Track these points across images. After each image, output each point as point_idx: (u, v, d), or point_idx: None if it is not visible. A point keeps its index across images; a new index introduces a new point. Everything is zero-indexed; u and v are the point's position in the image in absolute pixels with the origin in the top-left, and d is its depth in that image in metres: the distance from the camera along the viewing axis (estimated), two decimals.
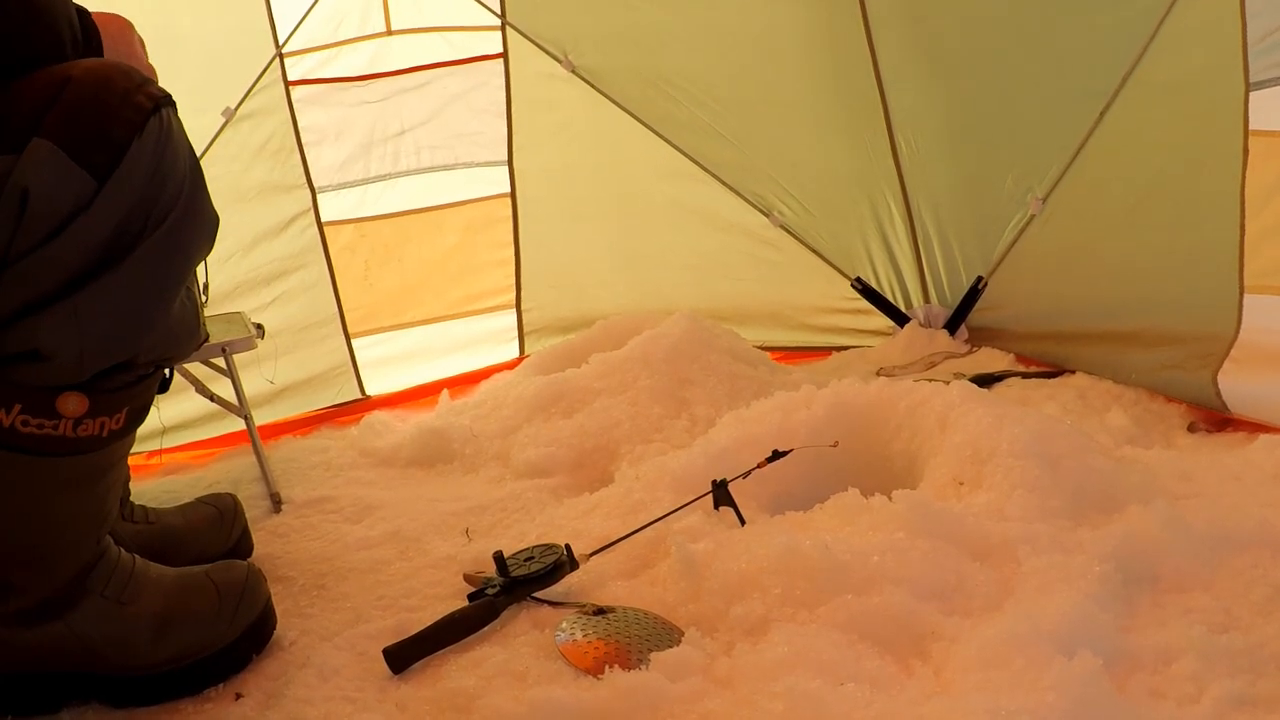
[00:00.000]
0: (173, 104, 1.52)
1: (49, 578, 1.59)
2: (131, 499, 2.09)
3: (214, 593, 1.74)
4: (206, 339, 2.24)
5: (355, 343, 3.19)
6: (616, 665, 1.58)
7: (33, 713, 1.64)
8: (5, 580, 1.56)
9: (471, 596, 1.87)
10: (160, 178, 1.47)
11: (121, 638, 1.64)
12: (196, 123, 2.82)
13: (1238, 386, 2.35)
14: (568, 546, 1.91)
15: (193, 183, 1.54)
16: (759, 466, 2.04)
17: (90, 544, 1.63)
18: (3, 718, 1.62)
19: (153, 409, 1.65)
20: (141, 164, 1.44)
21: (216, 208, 1.61)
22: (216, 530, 2.12)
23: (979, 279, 3.20)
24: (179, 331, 1.58)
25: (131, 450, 1.80)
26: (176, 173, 1.50)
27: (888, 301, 3.35)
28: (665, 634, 1.69)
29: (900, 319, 3.34)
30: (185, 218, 1.52)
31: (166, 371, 1.69)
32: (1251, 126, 2.25)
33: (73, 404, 1.48)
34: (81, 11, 1.57)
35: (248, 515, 2.28)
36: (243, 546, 2.17)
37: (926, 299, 3.32)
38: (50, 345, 1.42)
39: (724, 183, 3.32)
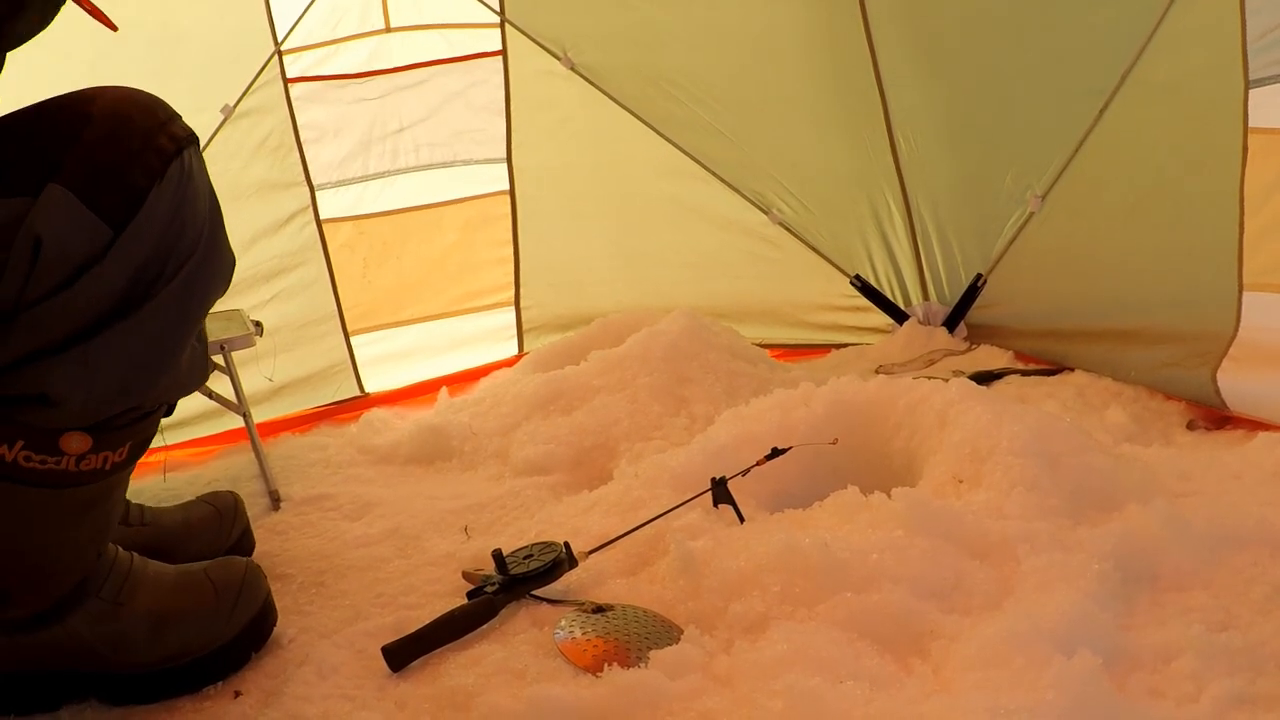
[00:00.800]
0: (196, 142, 1.49)
1: (48, 590, 1.58)
2: (128, 498, 2.09)
3: (211, 590, 1.74)
4: (214, 368, 2.22)
5: (354, 340, 3.18)
6: (615, 663, 1.58)
7: (32, 711, 1.64)
8: (4, 590, 1.56)
9: (470, 594, 1.87)
10: (179, 225, 1.44)
11: (119, 637, 1.64)
12: (195, 120, 2.78)
13: (1237, 384, 2.34)
14: (566, 544, 1.91)
15: (212, 227, 1.51)
16: (758, 464, 2.04)
17: (91, 558, 1.62)
18: (3, 717, 1.62)
19: None
20: (160, 212, 1.41)
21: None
22: (214, 530, 2.10)
23: (978, 276, 3.20)
24: (188, 375, 1.57)
25: None
26: (196, 219, 1.47)
27: (887, 299, 3.35)
28: (664, 632, 1.69)
29: (899, 316, 3.34)
30: (203, 265, 1.49)
31: None
32: (1251, 124, 2.25)
33: (76, 442, 1.47)
34: None
35: (247, 513, 2.28)
36: (243, 546, 2.15)
37: (926, 296, 3.32)
38: (59, 392, 1.40)
39: (723, 180, 3.32)
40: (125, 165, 1.39)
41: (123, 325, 1.41)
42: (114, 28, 1.80)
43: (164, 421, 2.72)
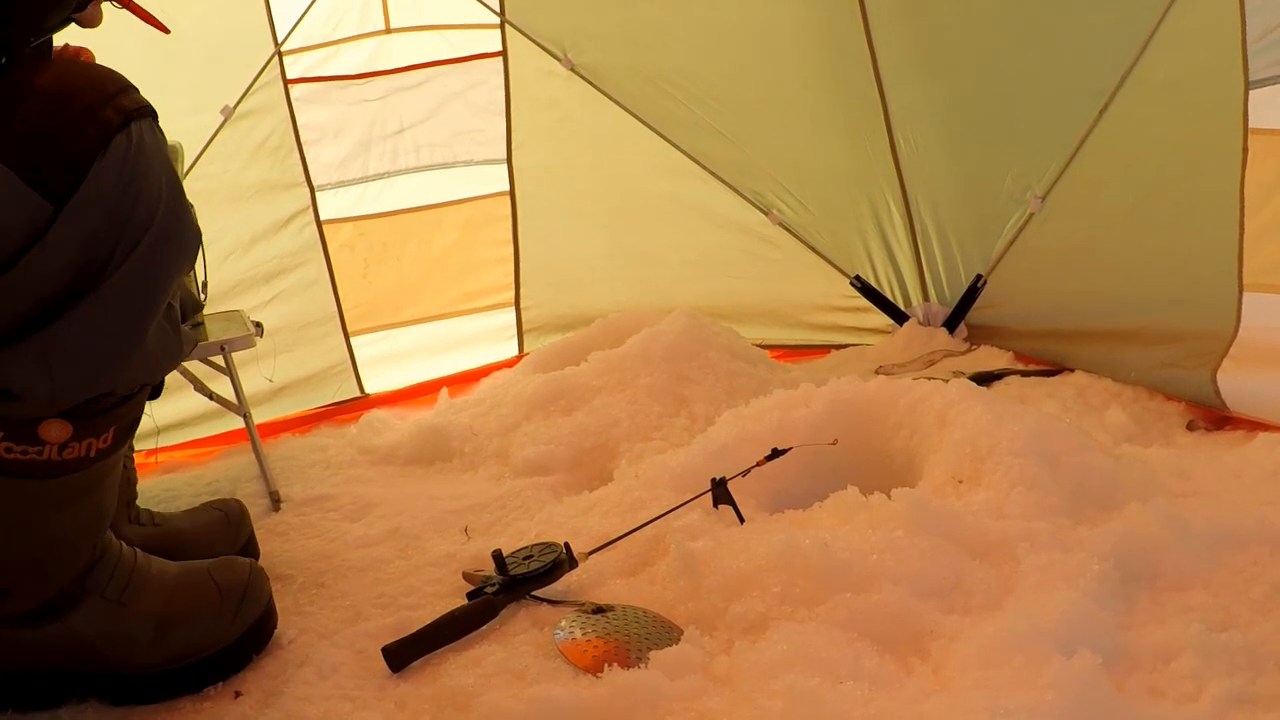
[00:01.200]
0: (149, 115, 1.43)
1: (48, 583, 1.58)
2: (136, 501, 2.07)
3: (216, 592, 1.73)
4: (194, 345, 2.18)
5: (354, 341, 3.19)
6: (615, 663, 1.58)
7: (33, 709, 1.64)
8: (4, 586, 1.55)
9: (470, 595, 1.87)
10: (129, 200, 1.38)
11: (122, 637, 1.63)
12: (195, 121, 2.84)
13: (1237, 384, 2.34)
14: (567, 545, 1.91)
15: (170, 202, 1.44)
16: (758, 464, 2.04)
17: (88, 548, 1.62)
18: (3, 714, 1.62)
19: (151, 407, 1.64)
20: (106, 186, 1.35)
21: (216, 206, 1.58)
22: (224, 535, 2.08)
23: (978, 277, 3.20)
24: (158, 356, 1.50)
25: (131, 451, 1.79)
26: (149, 193, 1.41)
27: (887, 300, 3.35)
28: (664, 632, 1.69)
29: (899, 317, 3.34)
30: (161, 242, 1.42)
31: None
32: (1251, 125, 2.25)
33: (55, 430, 1.44)
34: None
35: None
36: (249, 552, 2.13)
37: (926, 297, 3.32)
38: (20, 385, 1.37)
39: (723, 180, 3.32)
40: (66, 139, 1.34)
41: (78, 310, 1.36)
42: (166, 30, 1.78)
43: (165, 422, 2.75)
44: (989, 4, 2.92)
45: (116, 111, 1.38)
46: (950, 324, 3.28)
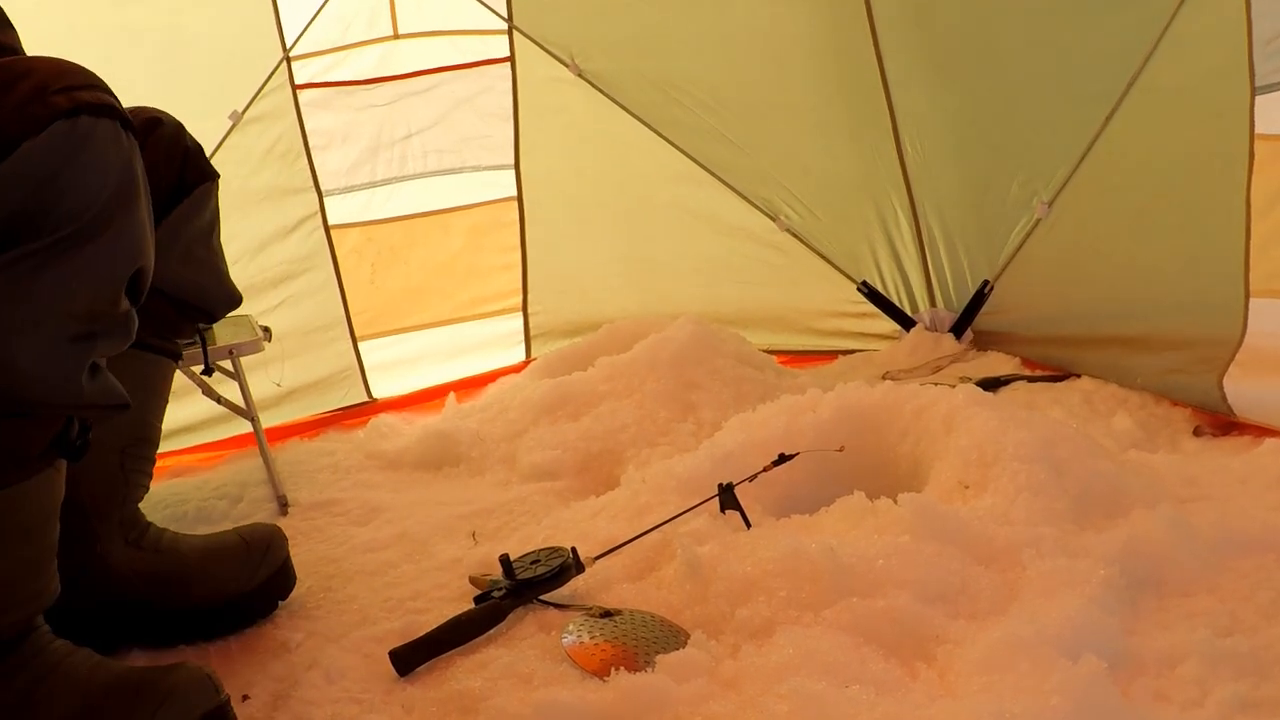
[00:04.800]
0: (112, 115, 1.29)
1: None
2: (151, 520, 1.91)
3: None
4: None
5: (362, 346, 3.19)
6: (623, 667, 1.59)
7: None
8: None
9: (478, 599, 1.88)
10: (59, 188, 1.24)
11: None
12: (203, 126, 2.82)
13: (1243, 390, 2.34)
14: (574, 549, 1.91)
15: (112, 205, 1.29)
16: (765, 470, 2.04)
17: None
18: None
19: None
20: (35, 168, 1.22)
21: (224, 211, 1.54)
22: (237, 571, 1.90)
23: (985, 283, 3.20)
24: (30, 379, 1.27)
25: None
26: (86, 189, 1.26)
27: (894, 305, 3.35)
28: (671, 636, 1.69)
29: (906, 323, 3.34)
30: (83, 240, 1.26)
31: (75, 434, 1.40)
32: (1257, 130, 2.25)
33: None
34: None
35: (253, 518, 2.30)
36: (275, 586, 1.96)
37: (932, 303, 3.32)
38: None
39: (730, 186, 3.32)
40: (6, 115, 1.22)
41: None
42: None
43: (173, 427, 2.75)
44: (996, 10, 2.92)
45: (68, 99, 1.25)
46: (957, 330, 3.28)
